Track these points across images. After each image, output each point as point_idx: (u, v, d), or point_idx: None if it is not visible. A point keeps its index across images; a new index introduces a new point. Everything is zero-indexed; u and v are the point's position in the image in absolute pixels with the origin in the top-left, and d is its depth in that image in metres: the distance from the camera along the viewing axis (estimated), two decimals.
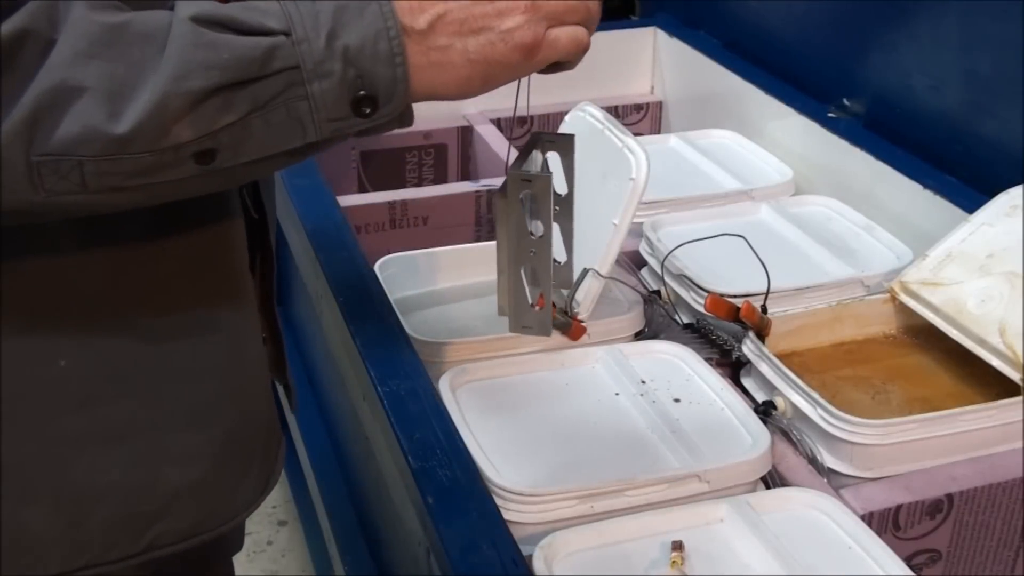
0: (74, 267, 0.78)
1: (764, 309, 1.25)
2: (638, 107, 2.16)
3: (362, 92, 0.71)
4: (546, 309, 1.02)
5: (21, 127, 0.64)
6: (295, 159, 0.74)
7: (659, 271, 1.39)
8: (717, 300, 1.23)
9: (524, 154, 1.01)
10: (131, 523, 0.85)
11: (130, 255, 0.80)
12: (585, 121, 1.32)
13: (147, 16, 0.67)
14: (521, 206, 0.98)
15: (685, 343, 1.27)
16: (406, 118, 0.76)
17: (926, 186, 1.46)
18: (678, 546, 0.95)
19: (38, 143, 0.64)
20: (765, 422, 1.13)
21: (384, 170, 2.01)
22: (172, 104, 0.66)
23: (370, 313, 1.22)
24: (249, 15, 0.68)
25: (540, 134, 1.02)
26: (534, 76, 0.84)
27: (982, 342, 1.17)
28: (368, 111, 0.72)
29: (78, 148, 0.65)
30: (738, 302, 1.23)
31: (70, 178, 0.66)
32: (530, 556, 0.93)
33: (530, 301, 1.02)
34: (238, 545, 1.15)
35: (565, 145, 1.02)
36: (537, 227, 0.99)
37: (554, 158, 1.04)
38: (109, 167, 0.66)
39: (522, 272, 1.01)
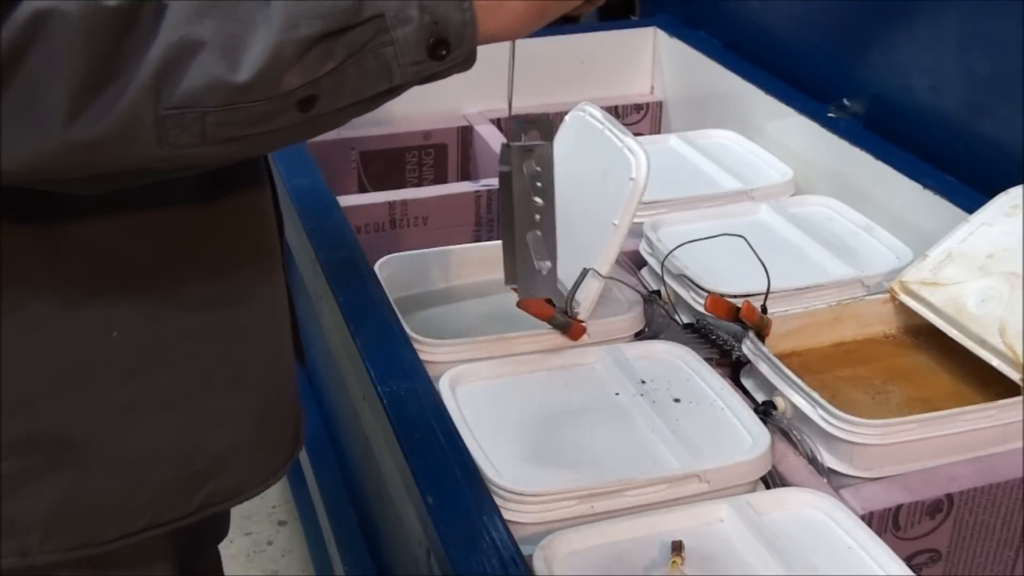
0: (125, 239, 0.81)
1: (764, 309, 1.25)
2: (638, 107, 2.16)
3: (438, 36, 0.76)
4: (552, 274, 1.05)
5: (150, 82, 0.67)
6: (377, 103, 0.78)
7: (659, 271, 1.39)
8: (717, 300, 1.23)
9: (514, 137, 1.06)
10: (184, 485, 0.89)
11: (175, 226, 0.84)
12: (585, 121, 1.32)
13: None
14: (523, 177, 1.04)
15: (685, 343, 1.27)
16: (470, 61, 0.80)
17: (926, 186, 1.46)
18: (678, 546, 0.95)
19: (165, 97, 0.67)
20: (765, 422, 1.13)
21: (384, 170, 2.01)
22: (285, 52, 0.70)
23: (370, 313, 1.22)
24: None
25: (520, 117, 1.07)
26: (533, 76, 0.85)
27: (982, 342, 1.17)
28: (444, 53, 0.76)
29: (203, 99, 0.68)
30: (738, 302, 1.23)
31: (191, 130, 0.69)
32: (530, 556, 0.93)
33: (537, 268, 1.05)
34: (224, 532, 1.19)
35: (545, 126, 1.08)
36: (541, 195, 1.05)
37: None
38: (228, 116, 0.70)
39: (528, 239, 1.04)
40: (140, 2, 0.67)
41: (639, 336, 1.32)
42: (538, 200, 1.05)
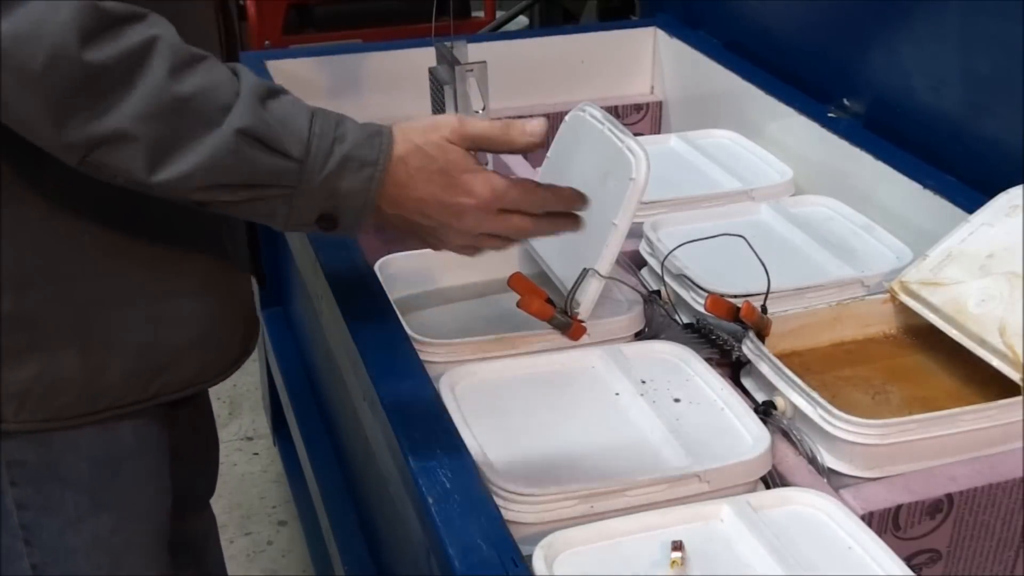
0: None
1: (764, 309, 1.25)
2: (638, 107, 2.16)
3: (330, 213, 0.91)
4: (489, 167, 1.22)
5: (84, 138, 0.82)
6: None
7: (659, 271, 1.39)
8: (717, 300, 1.23)
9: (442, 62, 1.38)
10: (142, 374, 1.02)
11: None
12: (585, 121, 1.32)
13: (212, 95, 0.84)
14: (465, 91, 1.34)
15: (685, 343, 1.27)
16: (356, 233, 0.95)
17: (926, 186, 1.46)
18: (678, 546, 0.95)
19: (91, 154, 0.83)
20: (765, 422, 1.13)
21: None
22: (197, 181, 0.85)
23: (370, 313, 1.22)
24: (282, 131, 0.86)
25: (460, 64, 1.37)
26: (533, 76, 0.90)
27: (982, 342, 1.17)
28: (327, 227, 0.92)
29: (116, 177, 0.85)
30: (738, 302, 1.23)
31: (102, 175, 0.86)
32: (530, 556, 0.93)
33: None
34: (211, 489, 1.35)
35: (480, 71, 1.35)
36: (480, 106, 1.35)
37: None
38: (135, 188, 0.87)
39: None
40: (144, 49, 0.82)
41: (639, 336, 1.32)
42: (479, 111, 1.36)
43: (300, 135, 0.87)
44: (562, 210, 1.00)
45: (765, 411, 1.16)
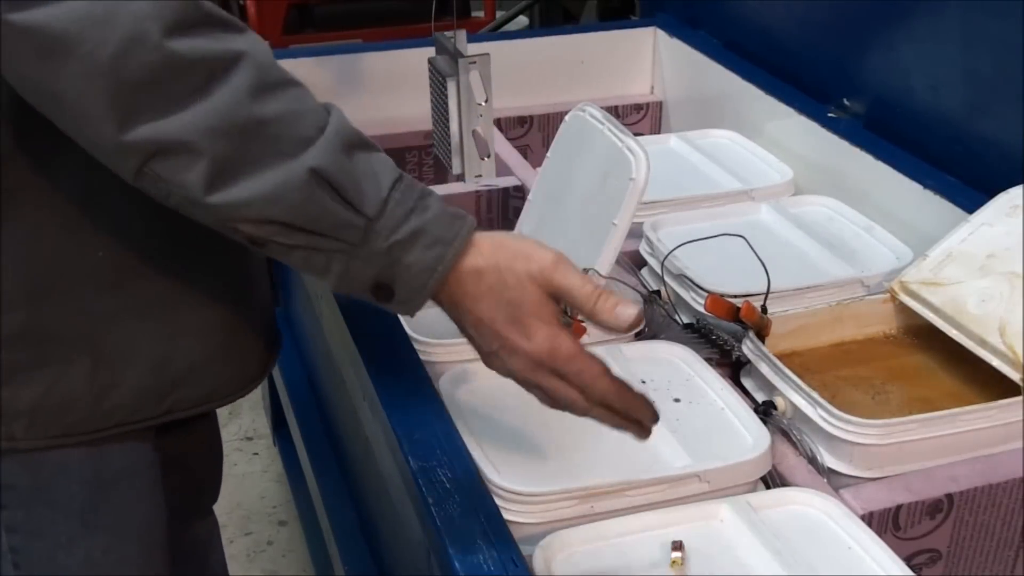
0: (113, 176, 0.84)
1: (764, 309, 1.25)
2: (638, 107, 2.16)
3: (387, 283, 0.83)
4: (492, 160, 1.34)
5: (145, 141, 0.76)
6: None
7: (659, 271, 1.39)
8: (717, 300, 1.23)
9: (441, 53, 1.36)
10: (154, 389, 0.99)
11: None
12: (585, 121, 1.32)
13: (293, 124, 0.79)
14: (468, 84, 1.30)
15: (685, 343, 1.27)
16: (412, 311, 0.87)
17: (926, 186, 1.46)
18: (678, 546, 0.95)
19: (149, 162, 0.77)
20: (765, 422, 1.13)
21: None
22: (252, 212, 0.79)
23: (370, 313, 1.22)
24: (360, 183, 0.80)
25: (463, 56, 1.32)
26: (533, 76, 0.89)
27: (982, 342, 1.17)
28: (382, 297, 0.84)
29: (170, 195, 0.79)
30: (738, 302, 1.23)
31: (158, 191, 0.80)
32: (530, 556, 0.93)
33: (479, 156, 1.32)
34: (214, 495, 1.33)
35: (484, 63, 1.31)
36: (482, 98, 1.32)
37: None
38: (188, 208, 0.81)
39: (473, 135, 1.32)
40: (228, 63, 0.77)
41: (639, 336, 1.32)
42: (482, 103, 1.30)
43: (379, 193, 0.81)
44: (620, 410, 0.87)
45: (765, 411, 1.16)
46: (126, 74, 0.74)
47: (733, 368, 1.28)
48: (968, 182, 1.44)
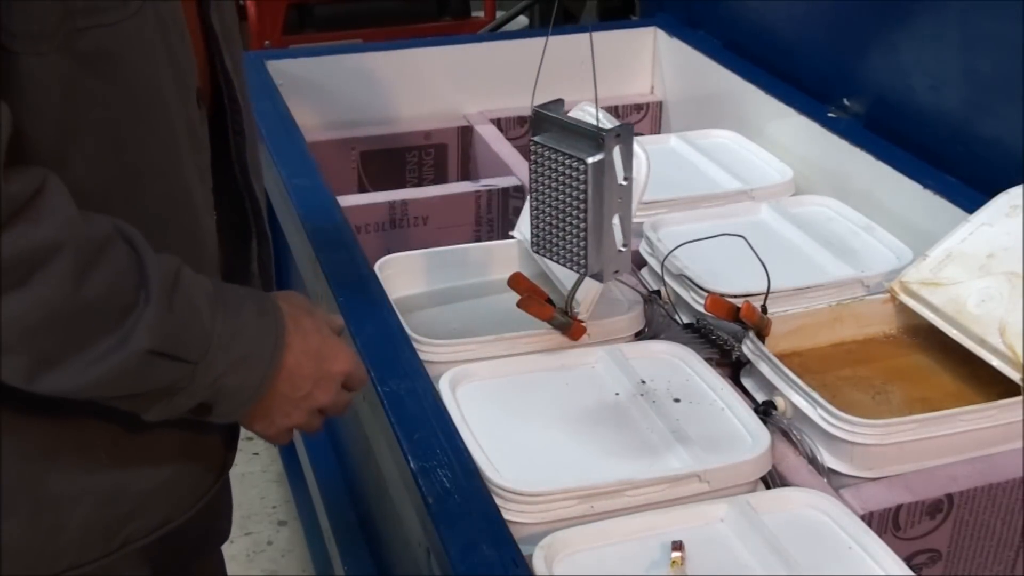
0: None
1: (764, 309, 1.25)
2: (638, 107, 2.16)
3: (207, 404, 0.84)
4: (629, 251, 1.09)
5: None
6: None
7: (659, 271, 1.39)
8: (717, 300, 1.23)
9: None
10: (105, 525, 0.89)
11: None
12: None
13: (116, 288, 0.76)
14: (614, 162, 1.06)
15: (685, 343, 1.27)
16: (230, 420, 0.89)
17: (926, 186, 1.46)
18: (678, 546, 0.95)
19: None
20: (765, 422, 1.13)
21: (384, 170, 2.01)
22: (81, 393, 0.79)
23: (370, 313, 1.22)
24: (183, 335, 0.80)
25: (607, 130, 1.06)
26: (533, 75, 0.86)
27: (982, 342, 1.17)
28: (200, 413, 0.85)
29: None
30: (738, 302, 1.23)
31: None
32: (530, 556, 0.93)
33: (619, 248, 1.09)
34: (225, 534, 1.20)
35: (627, 134, 1.07)
36: (622, 178, 1.07)
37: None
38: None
39: (614, 222, 1.07)
40: (47, 254, 0.73)
41: (639, 336, 1.32)
42: (623, 182, 1.06)
43: (202, 333, 0.81)
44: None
45: (765, 411, 1.16)
46: None
47: (733, 368, 1.28)
48: (968, 182, 1.44)
